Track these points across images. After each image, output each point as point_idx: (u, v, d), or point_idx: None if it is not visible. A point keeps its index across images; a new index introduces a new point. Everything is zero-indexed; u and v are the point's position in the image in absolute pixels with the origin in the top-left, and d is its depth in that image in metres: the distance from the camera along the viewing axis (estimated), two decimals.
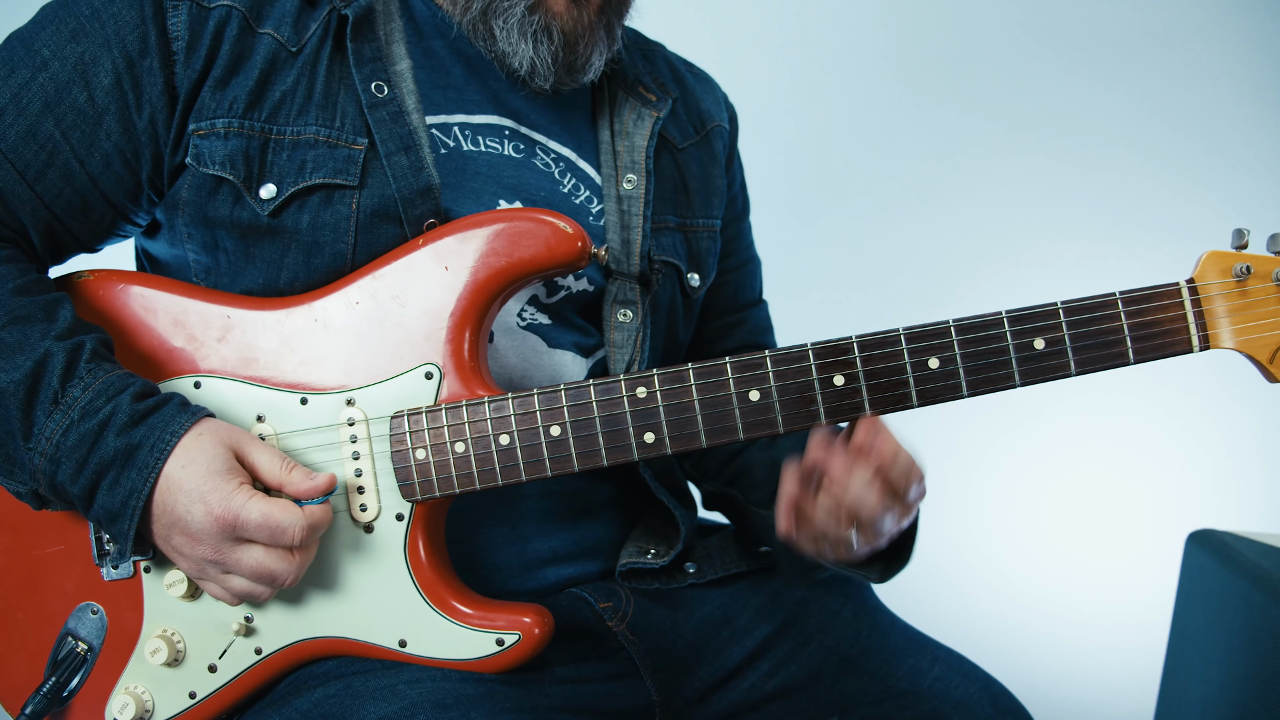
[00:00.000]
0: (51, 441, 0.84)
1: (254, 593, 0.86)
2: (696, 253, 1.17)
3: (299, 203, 0.94)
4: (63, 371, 0.85)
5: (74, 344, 0.87)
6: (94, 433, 0.84)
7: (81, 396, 0.85)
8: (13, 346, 0.85)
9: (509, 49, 1.01)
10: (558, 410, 0.90)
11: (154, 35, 0.92)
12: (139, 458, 0.83)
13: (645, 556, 1.07)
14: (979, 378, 0.88)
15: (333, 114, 0.96)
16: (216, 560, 0.84)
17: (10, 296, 0.88)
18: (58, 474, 0.85)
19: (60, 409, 0.84)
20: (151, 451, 0.84)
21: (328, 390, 0.92)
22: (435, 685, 0.87)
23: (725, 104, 1.28)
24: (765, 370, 0.89)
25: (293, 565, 0.85)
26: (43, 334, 0.86)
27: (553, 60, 1.01)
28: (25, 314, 0.87)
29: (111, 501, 0.84)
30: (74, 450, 0.84)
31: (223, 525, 0.83)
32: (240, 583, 0.86)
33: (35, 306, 0.88)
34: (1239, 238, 0.90)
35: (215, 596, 0.88)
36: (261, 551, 0.84)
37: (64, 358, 0.86)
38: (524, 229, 0.92)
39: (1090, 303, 0.88)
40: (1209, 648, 1.48)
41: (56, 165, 0.93)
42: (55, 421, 0.84)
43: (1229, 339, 0.89)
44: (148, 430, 0.84)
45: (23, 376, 0.84)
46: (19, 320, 0.87)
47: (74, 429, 0.84)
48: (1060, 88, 2.44)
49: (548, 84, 1.04)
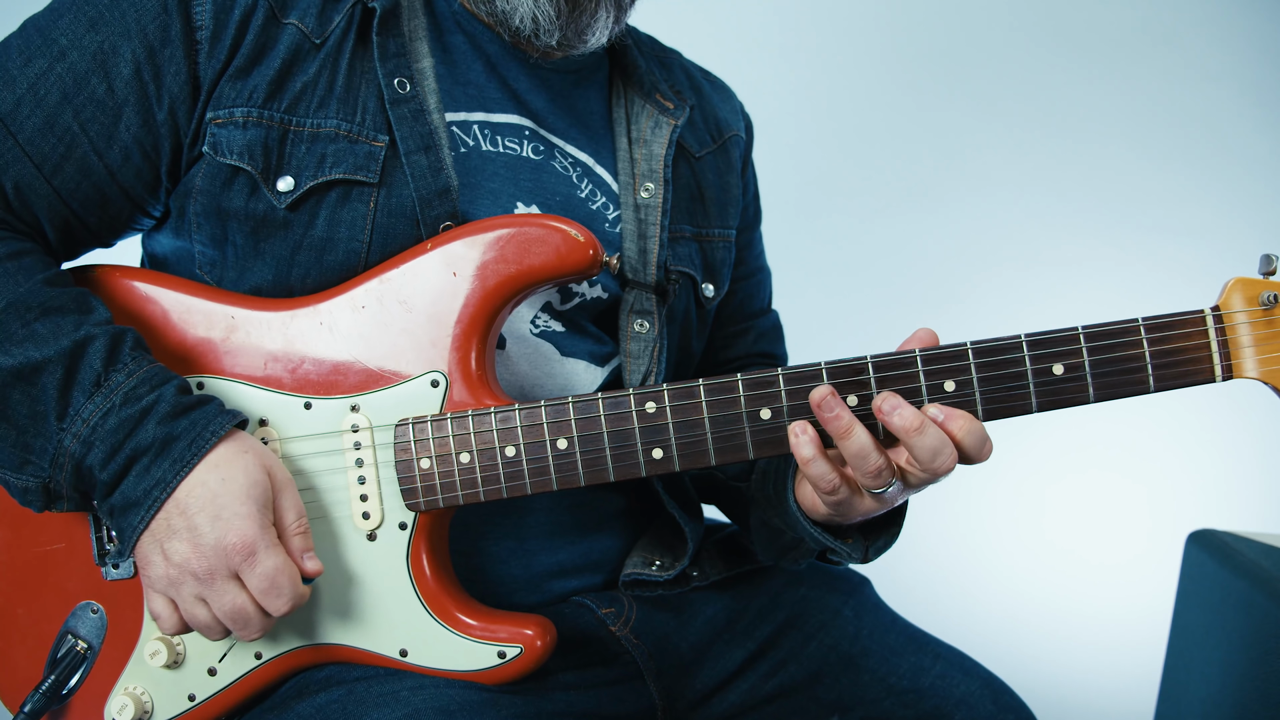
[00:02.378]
0: (89, 424, 0.82)
1: (209, 629, 0.84)
2: (712, 263, 1.15)
3: (316, 198, 0.92)
4: (106, 355, 0.83)
5: (117, 331, 0.85)
6: (135, 419, 0.82)
7: (126, 382, 0.83)
8: (47, 337, 0.83)
9: (507, 6, 0.98)
10: (565, 423, 0.88)
11: (178, 25, 0.90)
12: (175, 450, 0.82)
13: (650, 568, 1.06)
14: (995, 402, 0.87)
15: (354, 108, 0.94)
16: (203, 579, 0.82)
17: (41, 287, 0.86)
18: (88, 457, 0.82)
19: (102, 392, 0.82)
20: (190, 446, 0.82)
21: (332, 395, 0.90)
22: (438, 691, 0.87)
23: (741, 113, 1.26)
24: (778, 389, 0.87)
25: (263, 625, 0.84)
26: (77, 323, 0.84)
27: (555, 13, 0.98)
28: (58, 305, 0.85)
29: (135, 490, 0.82)
30: (111, 434, 0.82)
31: (235, 552, 0.81)
32: (204, 614, 0.83)
33: (67, 298, 0.86)
34: (1267, 264, 0.87)
35: (156, 615, 0.85)
36: (246, 599, 0.82)
37: (107, 341, 0.84)
38: (534, 235, 0.89)
39: (1112, 328, 0.87)
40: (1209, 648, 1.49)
41: (74, 158, 0.90)
42: (95, 404, 0.82)
43: (1253, 369, 0.87)
44: (189, 424, 0.83)
45: (59, 354, 0.82)
46: (52, 311, 0.84)
47: (115, 413, 0.82)
48: (1061, 88, 2.42)
49: (554, 39, 0.99)
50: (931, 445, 0.82)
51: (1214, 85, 2.40)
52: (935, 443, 0.82)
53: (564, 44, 1.01)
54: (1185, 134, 2.41)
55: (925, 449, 0.82)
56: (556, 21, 0.98)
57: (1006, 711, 1.02)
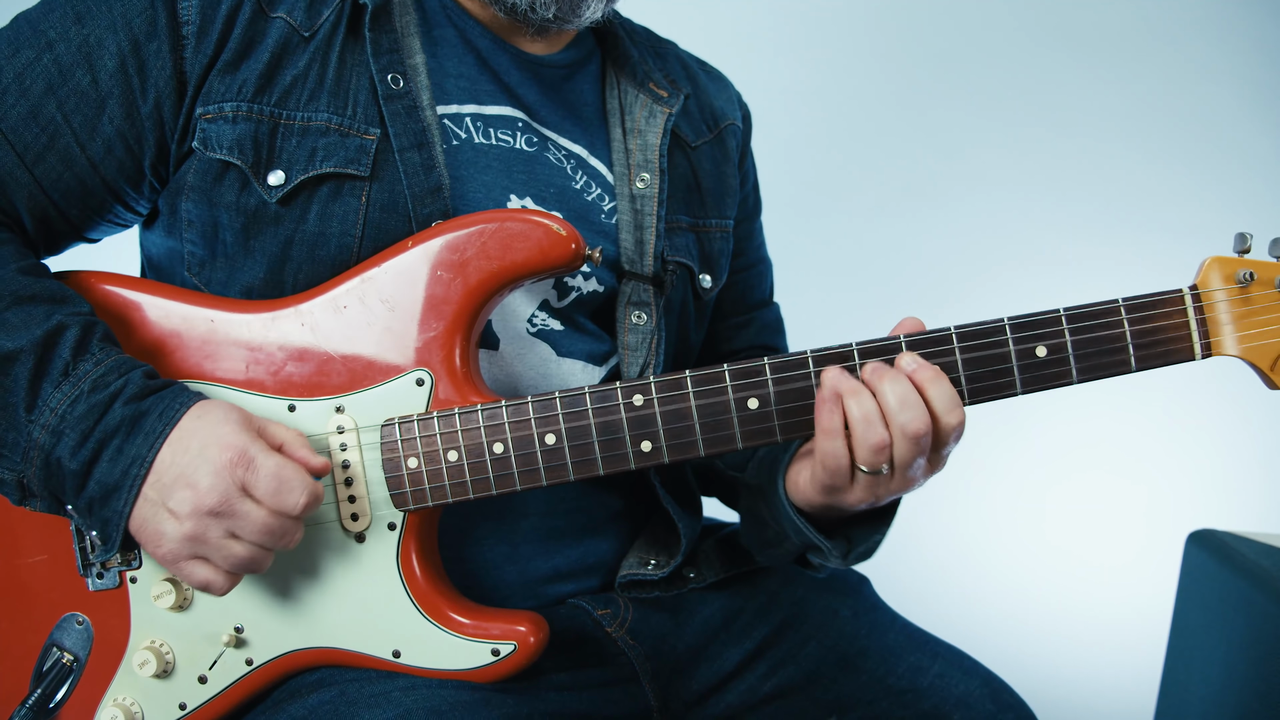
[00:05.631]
0: (56, 413, 0.81)
1: (255, 560, 0.81)
2: (709, 253, 1.15)
3: (308, 192, 0.92)
4: (75, 345, 0.83)
5: (89, 321, 0.85)
6: (103, 404, 0.81)
7: (94, 370, 0.82)
8: (18, 325, 0.83)
9: None
10: (553, 418, 0.88)
11: (164, 19, 0.90)
12: (145, 424, 0.81)
13: (645, 568, 1.05)
14: (981, 385, 0.87)
15: (345, 101, 0.94)
16: (223, 512, 0.79)
17: (15, 275, 0.85)
18: (58, 446, 0.81)
19: (70, 381, 0.82)
20: (160, 418, 0.81)
21: (316, 397, 0.90)
22: (431, 692, 0.86)
23: (739, 102, 1.26)
24: (764, 378, 0.87)
25: (296, 525, 0.82)
26: (50, 312, 0.84)
27: None
28: (30, 294, 0.85)
29: (111, 474, 0.80)
30: (80, 421, 0.81)
31: (233, 466, 0.79)
32: (240, 549, 0.80)
33: (41, 287, 0.86)
34: (1241, 242, 0.88)
35: (200, 582, 0.81)
36: (265, 512, 0.80)
37: (78, 331, 0.83)
38: (516, 230, 0.90)
39: (1092, 309, 0.87)
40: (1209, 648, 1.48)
41: (57, 148, 0.91)
42: (63, 392, 0.81)
43: (1232, 346, 0.88)
44: (156, 400, 0.82)
45: (31, 344, 0.82)
46: (24, 300, 0.84)
47: (83, 400, 0.81)
48: (1061, 87, 2.44)
49: (550, 12, 0.99)
50: (900, 393, 0.82)
51: (1214, 85, 2.41)
52: (903, 390, 0.82)
53: (559, 16, 1.01)
54: (1185, 134, 2.42)
55: (896, 397, 0.82)
56: None
57: (1006, 710, 1.02)
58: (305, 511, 0.81)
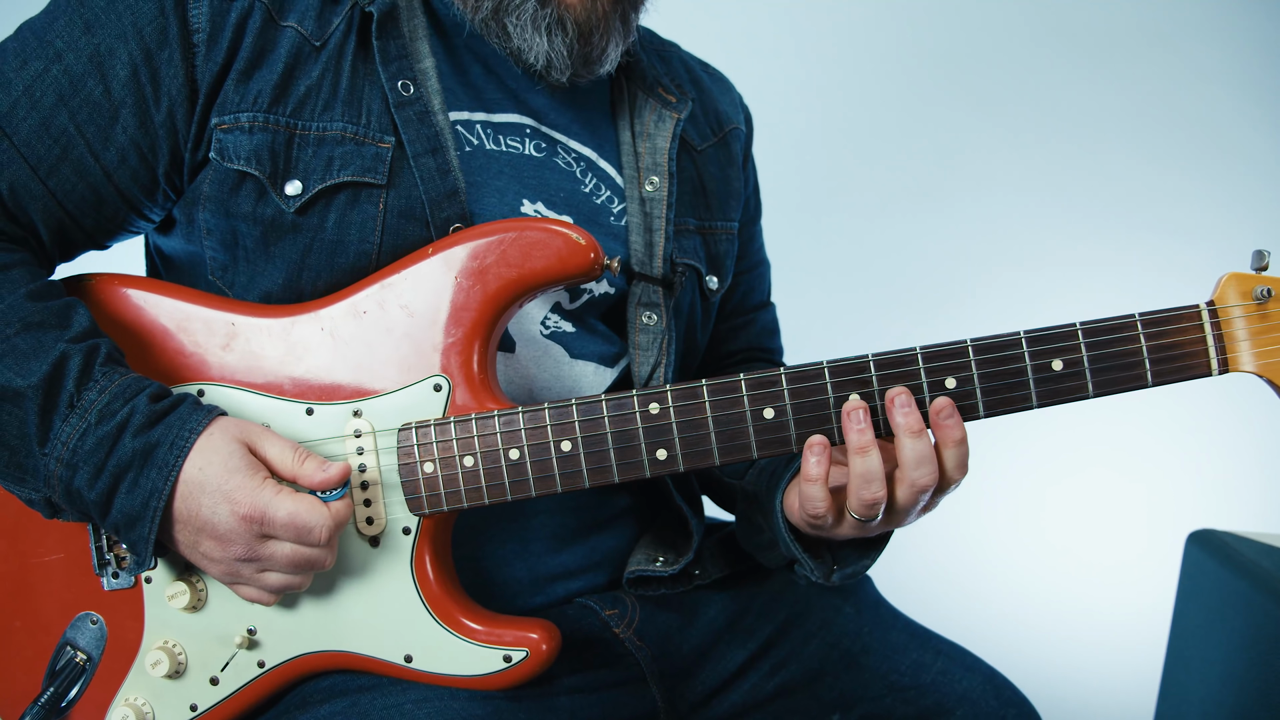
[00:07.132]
0: (68, 446, 0.82)
1: (292, 584, 0.85)
2: (715, 255, 1.16)
3: (325, 201, 0.92)
4: (78, 375, 0.83)
5: (89, 346, 0.85)
6: (112, 436, 0.82)
7: (98, 400, 0.83)
8: (27, 352, 0.83)
9: (523, 45, 0.99)
10: (569, 425, 0.88)
11: (174, 27, 0.90)
12: (158, 456, 0.82)
13: (654, 564, 1.06)
14: (996, 398, 0.87)
15: (359, 110, 0.94)
16: (250, 558, 0.83)
17: (24, 301, 0.86)
18: (74, 479, 0.82)
19: (76, 413, 0.82)
20: (171, 449, 0.82)
21: (334, 401, 0.90)
22: (443, 704, 0.87)
23: (741, 105, 1.27)
24: (780, 388, 0.87)
25: (325, 553, 0.84)
26: (56, 339, 0.84)
27: (568, 52, 0.99)
28: (39, 319, 0.85)
29: (131, 504, 0.82)
30: (91, 454, 0.82)
31: (250, 523, 0.81)
32: (276, 578, 0.85)
33: (49, 312, 0.86)
34: (1259, 259, 0.88)
35: (251, 599, 0.87)
36: (291, 547, 0.83)
37: (80, 360, 0.84)
38: (535, 239, 0.90)
39: (1109, 324, 0.87)
40: (1209, 648, 1.49)
41: (70, 160, 0.90)
42: (71, 426, 0.82)
43: (1249, 362, 0.88)
44: (165, 429, 0.82)
45: (39, 380, 0.82)
46: (33, 326, 0.84)
47: (91, 433, 0.82)
48: (1062, 88, 2.43)
49: (564, 77, 1.02)
50: (922, 452, 0.85)
51: (1214, 85, 2.40)
52: (925, 451, 0.86)
53: (574, 78, 1.03)
54: (1186, 134, 2.42)
55: (914, 454, 0.85)
56: (569, 60, 1.00)
57: (1008, 706, 1.03)
58: (331, 537, 0.83)
